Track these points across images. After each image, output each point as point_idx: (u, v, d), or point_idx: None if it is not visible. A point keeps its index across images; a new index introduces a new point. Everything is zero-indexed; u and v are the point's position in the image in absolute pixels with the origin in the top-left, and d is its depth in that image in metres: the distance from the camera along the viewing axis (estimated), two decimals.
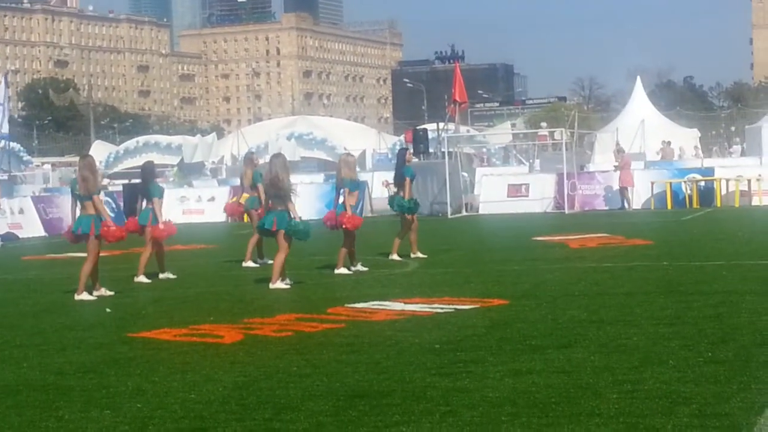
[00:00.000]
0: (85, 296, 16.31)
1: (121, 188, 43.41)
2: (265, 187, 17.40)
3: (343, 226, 18.82)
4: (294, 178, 20.09)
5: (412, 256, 21.09)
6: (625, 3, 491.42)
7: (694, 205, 37.09)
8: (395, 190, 21.91)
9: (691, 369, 9.20)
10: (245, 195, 22.00)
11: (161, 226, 18.83)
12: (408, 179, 21.22)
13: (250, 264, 20.79)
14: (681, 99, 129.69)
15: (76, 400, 9.05)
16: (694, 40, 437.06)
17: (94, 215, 16.37)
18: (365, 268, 19.12)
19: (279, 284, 16.74)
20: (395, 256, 20.81)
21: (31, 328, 13.65)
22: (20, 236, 34.38)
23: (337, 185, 19.66)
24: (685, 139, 57.41)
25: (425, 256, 21.06)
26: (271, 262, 20.21)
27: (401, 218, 21.41)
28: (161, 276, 19.13)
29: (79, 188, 16.44)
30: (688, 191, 37.92)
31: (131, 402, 8.88)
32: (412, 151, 23.41)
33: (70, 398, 9.15)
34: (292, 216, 16.86)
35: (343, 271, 18.74)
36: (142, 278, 18.71)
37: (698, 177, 38.70)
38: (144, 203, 19.20)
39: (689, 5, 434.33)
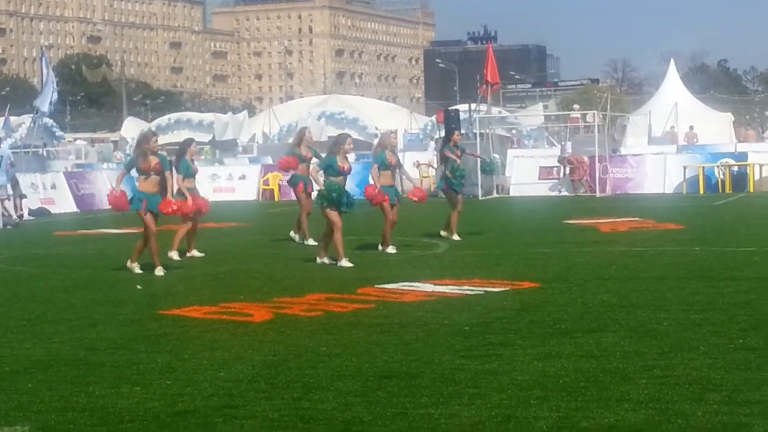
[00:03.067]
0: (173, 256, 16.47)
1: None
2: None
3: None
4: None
5: (442, 233, 21.15)
6: None
7: (727, 190, 36.88)
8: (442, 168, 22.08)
9: (722, 355, 9.16)
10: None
11: (189, 201, 18.66)
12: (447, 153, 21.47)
13: (310, 242, 20.59)
14: (715, 83, 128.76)
15: (107, 376, 9.10)
16: (729, 23, 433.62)
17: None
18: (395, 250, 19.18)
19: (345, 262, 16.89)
20: (456, 236, 20.90)
21: (63, 303, 13.74)
22: (52, 212, 34.55)
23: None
24: (719, 122, 56.99)
25: (460, 239, 21.03)
26: (311, 243, 20.25)
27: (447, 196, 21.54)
28: (188, 254, 19.18)
29: None
30: (721, 176, 37.72)
31: (161, 379, 8.93)
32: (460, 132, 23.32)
33: (100, 374, 9.21)
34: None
35: (391, 249, 18.76)
36: (174, 254, 18.75)
37: (731, 162, 38.48)
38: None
39: None
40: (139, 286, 15.15)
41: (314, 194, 19.37)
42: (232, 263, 18.34)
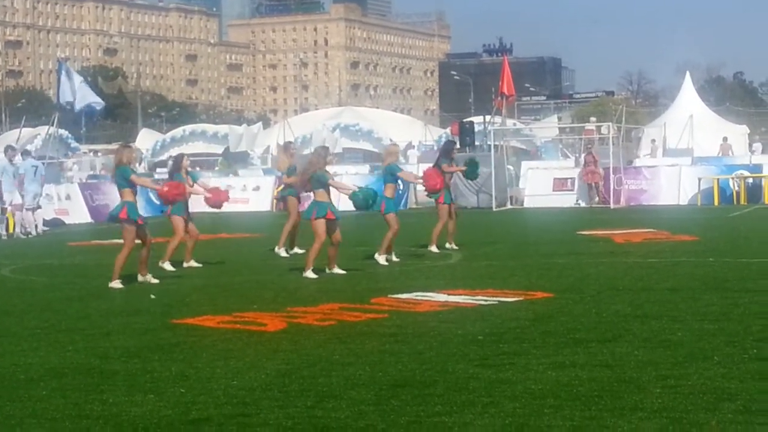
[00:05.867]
0: (117, 284, 16.34)
1: (167, 177, 43.63)
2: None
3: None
4: (338, 169, 20.26)
5: (447, 246, 21.15)
6: None
7: (742, 202, 36.80)
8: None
9: (737, 365, 9.13)
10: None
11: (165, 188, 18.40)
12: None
13: (281, 252, 20.78)
14: (731, 95, 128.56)
15: (121, 384, 9.11)
16: (745, 35, 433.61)
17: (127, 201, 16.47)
18: (396, 259, 19.17)
19: (310, 273, 16.80)
20: (434, 248, 20.82)
21: (77, 313, 13.77)
22: (67, 222, 34.65)
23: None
24: (734, 135, 56.88)
25: (457, 248, 21.03)
26: (301, 251, 20.36)
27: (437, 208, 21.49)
28: (185, 265, 19.16)
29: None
30: (736, 188, 37.65)
31: (175, 387, 8.94)
32: (458, 145, 23.57)
33: (114, 382, 9.22)
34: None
35: (383, 260, 18.85)
36: (166, 264, 18.77)
37: (746, 174, 38.40)
38: None
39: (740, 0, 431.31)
40: (152, 296, 15.18)
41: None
42: (246, 273, 18.37)
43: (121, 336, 11.71)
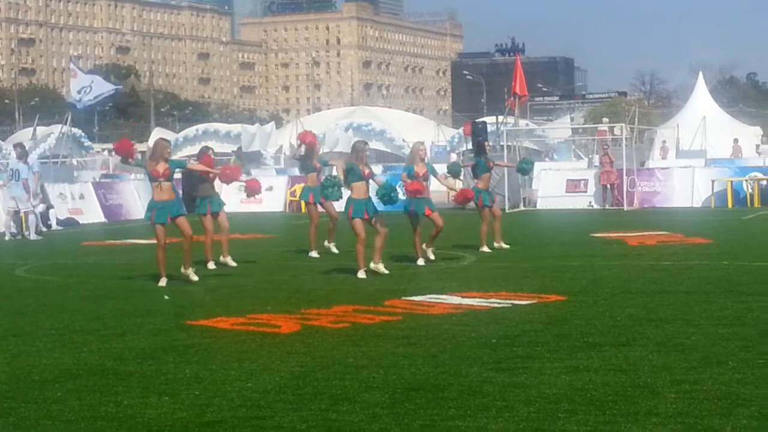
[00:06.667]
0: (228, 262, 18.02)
1: (180, 176, 43.61)
2: None
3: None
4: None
5: (496, 245, 21.40)
6: None
7: (756, 204, 36.66)
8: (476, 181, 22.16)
9: (751, 370, 9.12)
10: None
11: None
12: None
13: (332, 248, 20.83)
14: (744, 96, 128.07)
15: (135, 386, 9.14)
16: (758, 35, 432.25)
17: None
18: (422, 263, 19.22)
19: (361, 273, 16.98)
20: (485, 248, 21.05)
21: (91, 313, 13.79)
22: (80, 222, 34.71)
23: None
24: (747, 136, 56.75)
25: (508, 247, 21.31)
26: (314, 255, 20.48)
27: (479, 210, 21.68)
28: (209, 266, 19.11)
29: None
30: (750, 190, 37.52)
31: (189, 389, 8.96)
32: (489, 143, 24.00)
33: (128, 383, 9.24)
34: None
35: (421, 262, 18.99)
36: (228, 260, 18.89)
37: (760, 176, 38.27)
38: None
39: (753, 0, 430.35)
40: (166, 297, 15.20)
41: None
42: (260, 275, 18.38)
43: (135, 337, 11.74)
